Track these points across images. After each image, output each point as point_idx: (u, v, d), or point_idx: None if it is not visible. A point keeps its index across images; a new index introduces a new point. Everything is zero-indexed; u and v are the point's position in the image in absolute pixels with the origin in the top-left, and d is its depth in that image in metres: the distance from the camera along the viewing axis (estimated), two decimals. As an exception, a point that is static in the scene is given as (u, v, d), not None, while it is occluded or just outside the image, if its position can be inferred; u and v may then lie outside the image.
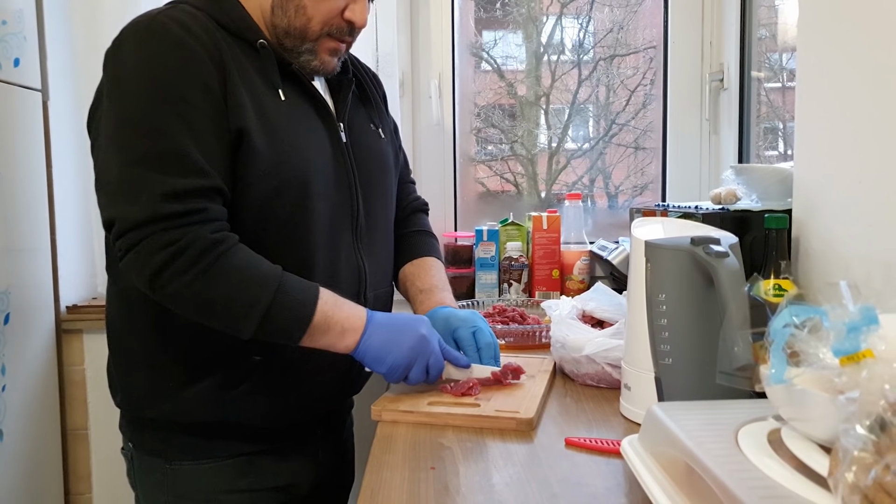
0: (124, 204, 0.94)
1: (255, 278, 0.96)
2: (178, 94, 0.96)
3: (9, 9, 1.61)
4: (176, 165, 0.94)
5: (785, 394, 0.62)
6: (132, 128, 0.96)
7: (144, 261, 0.93)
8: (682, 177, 2.06)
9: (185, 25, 0.99)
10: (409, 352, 1.02)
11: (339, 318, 1.00)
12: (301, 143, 1.06)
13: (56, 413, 1.80)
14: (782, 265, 1.08)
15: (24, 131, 1.68)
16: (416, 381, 1.04)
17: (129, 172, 0.94)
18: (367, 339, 1.01)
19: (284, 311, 0.96)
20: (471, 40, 2.13)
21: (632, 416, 0.97)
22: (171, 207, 0.92)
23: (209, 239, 0.94)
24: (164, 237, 0.92)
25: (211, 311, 0.97)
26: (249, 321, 0.95)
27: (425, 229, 1.39)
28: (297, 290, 0.98)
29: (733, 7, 1.91)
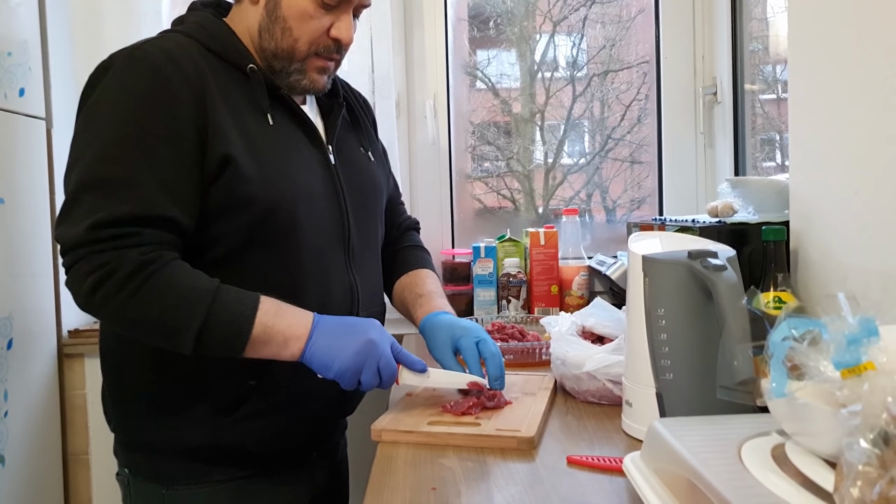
0: (65, 225, 0.96)
1: (186, 296, 0.96)
2: (142, 122, 0.98)
3: (14, 40, 1.64)
4: (120, 193, 0.95)
5: (787, 408, 0.62)
6: (91, 151, 0.97)
7: (78, 283, 0.95)
8: (679, 190, 2.07)
9: (168, 54, 1.01)
10: (355, 356, 1.00)
11: (280, 327, 0.99)
12: (289, 167, 1.07)
13: (57, 438, 1.79)
14: (780, 277, 1.08)
15: (27, 158, 1.70)
16: (368, 386, 1.02)
17: (77, 194, 0.96)
18: (312, 345, 1.00)
19: (220, 325, 0.96)
20: (465, 60, 2.15)
21: (634, 432, 0.97)
22: (104, 232, 0.94)
23: (137, 260, 0.94)
24: (95, 259, 0.94)
25: (146, 330, 0.98)
26: (185, 339, 0.95)
27: (418, 244, 1.40)
28: (234, 304, 0.98)
29: (724, 21, 1.92)
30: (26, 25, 1.69)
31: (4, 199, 1.59)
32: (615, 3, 2.13)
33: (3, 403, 1.57)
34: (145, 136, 0.97)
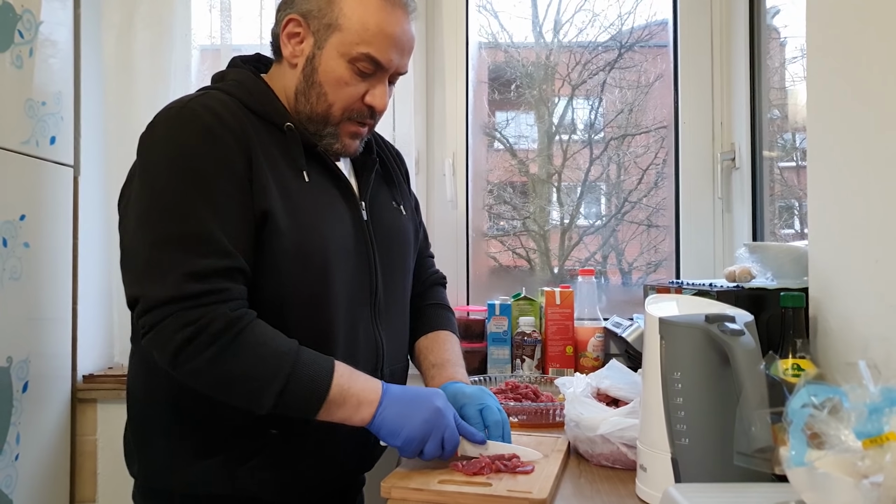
0: (149, 283, 0.96)
1: (273, 354, 0.97)
2: (204, 178, 1.00)
3: (49, 91, 1.71)
4: (199, 247, 0.97)
5: (807, 477, 0.61)
6: (159, 210, 0.99)
7: (167, 339, 0.95)
8: (696, 254, 2.06)
9: (214, 112, 1.04)
10: (423, 425, 1.01)
11: (354, 390, 1.00)
12: (323, 223, 1.09)
13: (66, 484, 1.78)
14: (799, 344, 1.06)
15: (54, 205, 1.74)
16: (431, 455, 1.02)
17: (154, 253, 0.97)
18: (383, 411, 1.01)
19: (301, 385, 0.97)
20: (484, 121, 2.19)
21: (648, 498, 0.95)
22: (193, 287, 0.95)
23: (228, 317, 0.95)
24: (186, 316, 0.94)
25: (230, 387, 0.98)
26: (267, 396, 0.96)
27: (442, 303, 1.40)
28: (313, 365, 0.99)
29: (742, 88, 1.95)
30: (61, 77, 1.75)
31: (30, 243, 1.62)
32: (634, 68, 2.17)
33: (14, 446, 1.57)
34: (210, 192, 0.99)
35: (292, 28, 1.13)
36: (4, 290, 1.54)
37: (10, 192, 1.57)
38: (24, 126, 1.61)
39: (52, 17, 1.71)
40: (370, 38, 1.09)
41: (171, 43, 1.90)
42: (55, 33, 1.73)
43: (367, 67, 1.10)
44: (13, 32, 1.57)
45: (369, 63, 1.10)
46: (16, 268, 1.58)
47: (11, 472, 1.56)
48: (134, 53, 1.88)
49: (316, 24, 1.11)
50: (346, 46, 1.09)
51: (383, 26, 1.10)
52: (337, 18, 1.10)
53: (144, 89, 1.86)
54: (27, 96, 1.62)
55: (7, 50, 1.55)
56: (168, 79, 1.88)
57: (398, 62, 1.13)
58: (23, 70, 1.61)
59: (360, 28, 1.09)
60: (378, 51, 1.10)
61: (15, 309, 1.58)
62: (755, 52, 1.93)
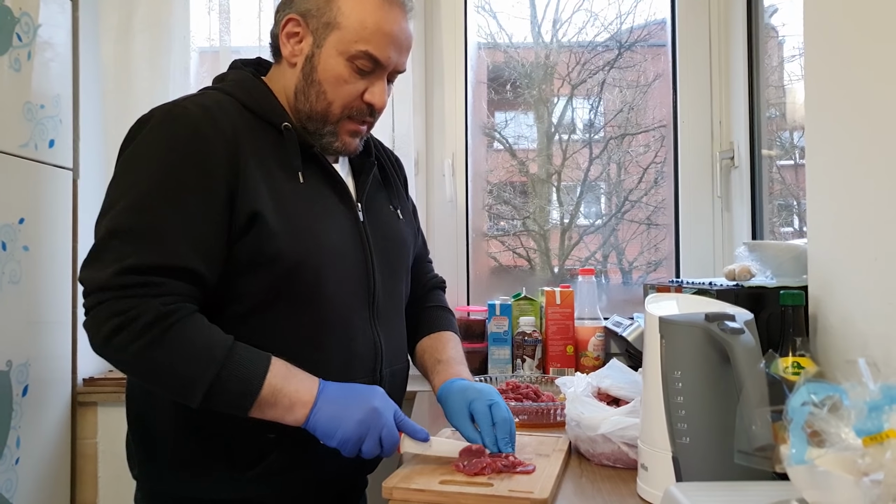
0: (93, 268, 0.98)
1: (202, 350, 0.97)
2: (176, 176, 1.00)
3: (48, 94, 1.71)
4: (149, 243, 0.98)
5: (807, 475, 0.61)
6: (125, 201, 1.00)
7: (97, 325, 0.96)
8: (696, 253, 2.06)
9: (207, 111, 1.04)
10: (358, 425, 1.00)
11: (287, 391, 1.00)
12: (316, 223, 1.09)
13: (66, 488, 1.78)
14: (799, 342, 1.06)
15: (54, 208, 1.74)
16: (369, 454, 1.02)
17: (106, 240, 0.98)
18: (316, 412, 1.00)
19: (230, 383, 0.97)
20: (483, 121, 2.19)
21: (649, 497, 0.94)
22: (128, 279, 0.96)
23: (159, 311, 0.95)
24: (117, 305, 0.95)
25: (158, 380, 0.99)
26: (195, 392, 0.96)
27: (443, 305, 1.41)
28: (246, 363, 0.98)
29: (741, 87, 1.95)
30: (59, 80, 1.76)
31: (29, 246, 1.62)
32: (633, 68, 2.17)
33: (15, 450, 1.57)
34: (177, 190, 1.00)
35: (291, 28, 1.13)
36: (4, 294, 1.54)
37: (9, 195, 1.57)
38: (22, 129, 1.61)
39: (50, 20, 1.71)
40: (369, 36, 1.10)
41: (169, 45, 1.90)
42: (54, 36, 1.73)
43: (365, 65, 1.11)
44: (11, 35, 1.57)
45: (368, 61, 1.11)
46: (15, 271, 1.58)
47: (12, 476, 1.56)
48: (133, 56, 1.88)
49: (315, 23, 1.11)
50: (345, 45, 1.10)
51: (381, 24, 1.10)
52: (335, 17, 1.10)
53: (143, 92, 1.86)
54: (26, 99, 1.62)
55: (5, 53, 1.55)
56: (167, 81, 1.88)
57: (396, 60, 1.14)
58: (21, 73, 1.61)
59: (358, 26, 1.09)
60: (376, 48, 1.10)
61: (14, 312, 1.58)
62: (753, 50, 1.93)
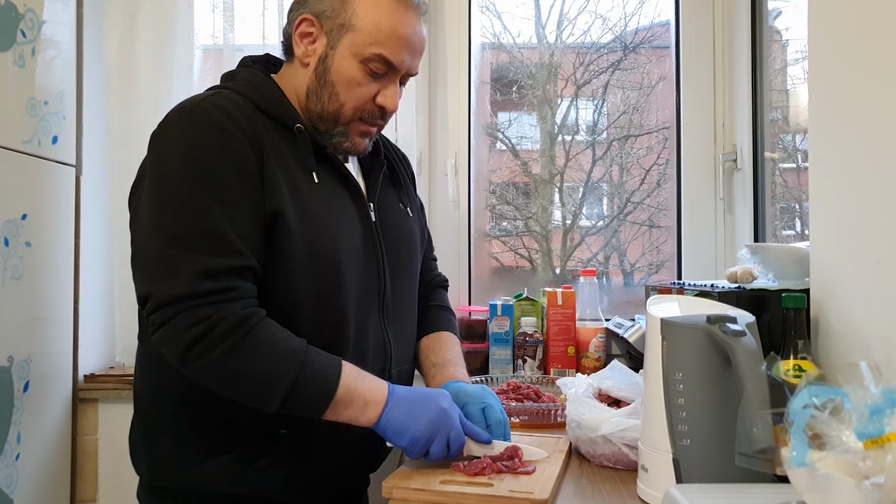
0: (160, 280, 0.97)
1: (282, 353, 0.97)
2: (215, 176, 1.00)
3: (51, 90, 1.71)
4: (211, 245, 0.97)
5: (808, 478, 0.61)
6: (171, 208, 0.99)
7: (177, 335, 0.95)
8: (698, 255, 2.06)
9: (226, 111, 1.04)
10: (429, 425, 1.01)
11: (361, 391, 1.01)
12: (332, 223, 1.09)
13: (66, 484, 1.78)
14: (800, 345, 1.06)
15: (56, 204, 1.74)
16: (436, 455, 1.03)
17: (166, 251, 0.97)
18: (389, 412, 1.01)
19: (309, 385, 0.97)
20: (486, 121, 2.19)
21: (649, 498, 0.94)
22: (205, 285, 0.95)
23: (239, 315, 0.96)
24: (197, 313, 0.95)
25: (238, 385, 0.98)
26: (275, 396, 0.96)
27: (444, 304, 1.41)
28: (322, 365, 0.99)
29: (745, 90, 1.95)
30: (63, 77, 1.76)
31: (31, 242, 1.62)
32: (637, 69, 2.17)
33: (15, 446, 1.57)
34: (221, 191, 1.00)
35: (305, 28, 1.13)
36: (6, 290, 1.54)
37: (11, 191, 1.57)
38: (26, 125, 1.62)
39: (54, 17, 1.71)
40: (383, 39, 1.10)
41: (173, 43, 1.90)
42: (58, 33, 1.73)
43: (379, 68, 1.11)
44: (15, 32, 1.57)
45: (381, 64, 1.11)
46: (17, 267, 1.58)
47: (12, 472, 1.56)
48: (136, 53, 1.88)
49: (329, 24, 1.11)
50: (359, 47, 1.10)
51: (396, 28, 1.10)
52: (350, 19, 1.10)
53: (147, 89, 1.87)
54: (29, 95, 1.62)
55: (9, 49, 1.56)
56: (170, 78, 1.89)
57: (409, 63, 1.14)
58: (25, 69, 1.61)
59: (373, 29, 1.09)
60: (391, 52, 1.10)
61: (16, 308, 1.58)
62: (757, 53, 1.93)
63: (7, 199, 1.56)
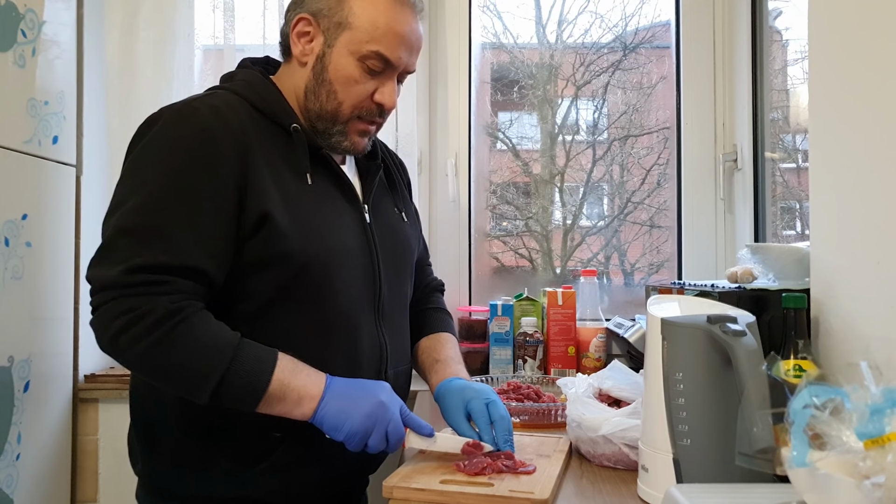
0: (100, 266, 0.98)
1: (210, 347, 0.97)
2: (185, 176, 1.00)
3: (52, 90, 1.71)
4: (158, 242, 0.98)
5: (808, 478, 0.61)
6: (134, 200, 1.00)
7: (105, 324, 0.96)
8: (698, 255, 2.06)
9: (217, 111, 1.04)
10: (365, 419, 1.01)
11: (295, 385, 1.00)
12: (324, 224, 1.09)
13: (67, 484, 1.78)
14: (801, 345, 1.06)
15: (57, 204, 1.75)
16: (375, 448, 1.03)
17: (115, 239, 0.98)
18: (324, 406, 1.01)
19: (239, 379, 0.97)
20: (487, 121, 2.19)
21: (650, 498, 0.94)
22: (137, 277, 0.96)
23: (166, 308, 0.96)
24: (126, 303, 0.95)
25: (166, 377, 0.99)
26: (204, 389, 0.96)
27: (441, 307, 1.41)
28: (254, 359, 0.99)
29: (745, 90, 1.95)
30: (63, 77, 1.76)
31: (32, 242, 1.62)
32: (637, 70, 2.17)
33: (15, 446, 1.57)
34: (187, 190, 1.00)
35: (302, 27, 1.13)
36: (6, 290, 1.54)
37: (12, 191, 1.57)
38: (26, 125, 1.62)
39: (55, 17, 1.71)
40: (380, 36, 1.10)
41: (173, 43, 1.90)
42: (58, 33, 1.73)
43: (376, 65, 1.11)
44: (16, 32, 1.57)
45: (379, 61, 1.11)
46: (18, 267, 1.58)
47: (12, 472, 1.56)
48: (137, 53, 1.88)
49: (326, 22, 1.11)
50: (357, 45, 1.10)
51: (393, 25, 1.10)
52: (347, 17, 1.10)
53: (147, 89, 1.87)
54: (30, 96, 1.63)
55: (10, 49, 1.56)
56: (171, 79, 1.89)
57: (407, 60, 1.14)
58: (25, 69, 1.61)
59: (370, 26, 1.10)
60: (388, 49, 1.10)
61: (17, 308, 1.58)
62: (757, 53, 1.93)
63: (7, 199, 1.56)
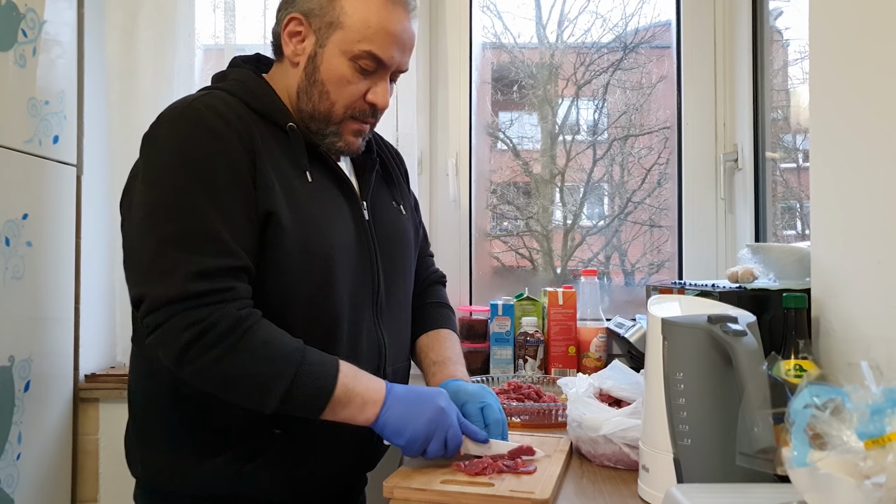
0: (155, 282, 0.96)
1: (278, 353, 0.97)
2: (208, 177, 1.00)
3: (52, 90, 1.71)
4: (204, 245, 0.97)
5: (809, 478, 0.61)
6: (165, 209, 0.99)
7: (173, 338, 0.94)
8: (699, 255, 2.06)
9: (217, 111, 1.04)
10: (427, 424, 1.01)
11: (359, 390, 1.01)
12: (326, 223, 1.09)
13: (67, 484, 1.78)
14: (801, 345, 1.06)
15: (57, 204, 1.75)
16: (434, 454, 1.03)
17: (159, 252, 0.96)
18: (387, 411, 1.01)
19: (306, 385, 0.97)
20: (487, 121, 2.19)
21: (650, 498, 0.94)
22: (200, 286, 0.95)
23: (235, 316, 0.95)
24: (193, 315, 0.94)
25: (235, 387, 0.98)
26: (272, 396, 0.96)
27: (442, 301, 1.40)
28: (319, 365, 0.99)
29: (745, 90, 1.95)
30: (64, 76, 1.76)
31: (32, 242, 1.62)
32: (637, 69, 2.17)
33: (16, 446, 1.57)
34: (215, 192, 0.99)
35: (294, 27, 1.13)
36: (7, 289, 1.54)
37: (12, 191, 1.57)
38: (27, 125, 1.62)
39: (55, 17, 1.71)
40: (372, 35, 1.09)
41: (174, 42, 1.90)
42: (59, 32, 1.73)
43: (368, 65, 1.11)
44: (17, 31, 1.58)
45: (371, 60, 1.11)
46: (18, 267, 1.58)
47: (13, 472, 1.56)
48: (137, 53, 1.88)
49: (317, 22, 1.11)
50: (348, 44, 1.10)
51: (385, 24, 1.10)
52: (339, 17, 1.10)
53: (148, 89, 1.87)
54: (30, 95, 1.63)
55: (10, 49, 1.56)
56: (171, 78, 1.89)
57: (399, 59, 1.14)
58: (26, 69, 1.61)
59: (361, 26, 1.09)
60: (380, 48, 1.10)
61: (17, 308, 1.58)
62: (758, 53, 1.93)
63: (8, 199, 1.56)
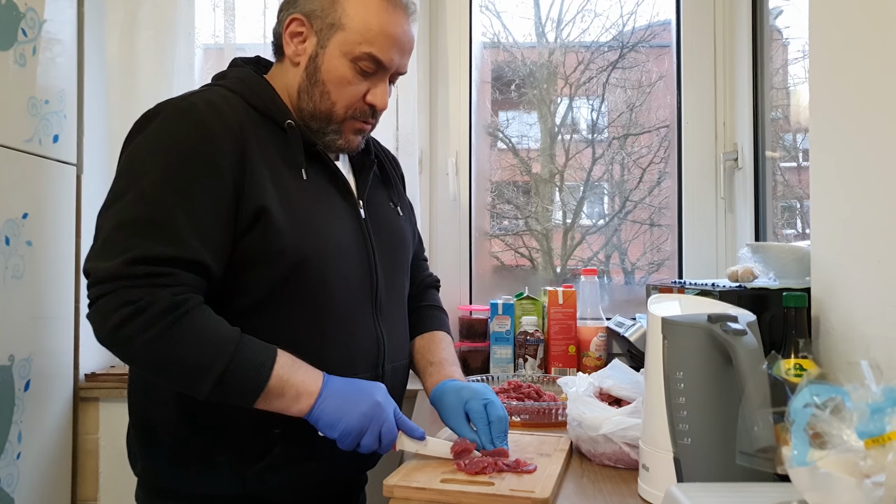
0: (101, 258, 0.97)
1: (212, 341, 0.97)
2: (185, 169, 1.01)
3: (52, 89, 1.71)
4: (159, 233, 0.97)
5: (809, 477, 0.61)
6: (132, 193, 1.00)
7: (104, 315, 0.95)
8: (699, 254, 2.06)
9: (213, 106, 1.04)
10: (361, 418, 1.01)
11: (294, 381, 1.00)
12: (320, 220, 1.10)
13: (67, 483, 1.78)
14: (801, 344, 1.06)
15: (57, 203, 1.75)
16: (367, 448, 1.03)
17: (115, 232, 0.98)
18: (321, 403, 1.01)
19: (240, 374, 0.97)
20: (487, 120, 2.19)
21: (650, 497, 0.94)
22: (138, 269, 0.95)
23: (170, 300, 0.95)
24: (128, 294, 0.95)
25: (167, 371, 0.98)
26: (204, 383, 0.96)
27: (436, 304, 1.41)
28: (254, 354, 0.99)
29: (745, 89, 1.95)
30: (64, 75, 1.76)
31: (32, 241, 1.63)
32: (636, 68, 2.17)
33: (16, 445, 1.57)
34: (186, 183, 1.00)
35: (295, 27, 1.14)
36: (7, 289, 1.54)
37: (12, 190, 1.57)
38: (27, 124, 1.62)
39: (55, 16, 1.71)
40: (372, 38, 1.11)
41: (174, 42, 1.90)
42: (59, 31, 1.73)
43: (368, 67, 1.12)
44: (16, 31, 1.57)
45: (371, 62, 1.11)
46: (18, 266, 1.58)
47: (13, 471, 1.56)
48: (137, 52, 1.88)
49: (319, 23, 1.12)
50: (349, 46, 1.11)
51: (385, 27, 1.11)
52: (340, 18, 1.11)
53: (148, 88, 1.87)
54: (30, 94, 1.63)
55: (10, 48, 1.56)
56: (171, 78, 1.89)
57: (399, 62, 1.15)
58: (26, 68, 1.61)
59: (362, 28, 1.10)
60: (380, 50, 1.11)
61: (17, 307, 1.58)
62: (758, 52, 1.93)
63: (8, 198, 1.56)
